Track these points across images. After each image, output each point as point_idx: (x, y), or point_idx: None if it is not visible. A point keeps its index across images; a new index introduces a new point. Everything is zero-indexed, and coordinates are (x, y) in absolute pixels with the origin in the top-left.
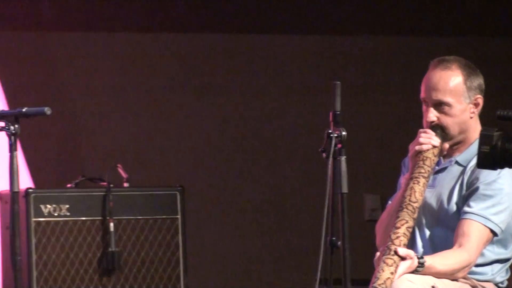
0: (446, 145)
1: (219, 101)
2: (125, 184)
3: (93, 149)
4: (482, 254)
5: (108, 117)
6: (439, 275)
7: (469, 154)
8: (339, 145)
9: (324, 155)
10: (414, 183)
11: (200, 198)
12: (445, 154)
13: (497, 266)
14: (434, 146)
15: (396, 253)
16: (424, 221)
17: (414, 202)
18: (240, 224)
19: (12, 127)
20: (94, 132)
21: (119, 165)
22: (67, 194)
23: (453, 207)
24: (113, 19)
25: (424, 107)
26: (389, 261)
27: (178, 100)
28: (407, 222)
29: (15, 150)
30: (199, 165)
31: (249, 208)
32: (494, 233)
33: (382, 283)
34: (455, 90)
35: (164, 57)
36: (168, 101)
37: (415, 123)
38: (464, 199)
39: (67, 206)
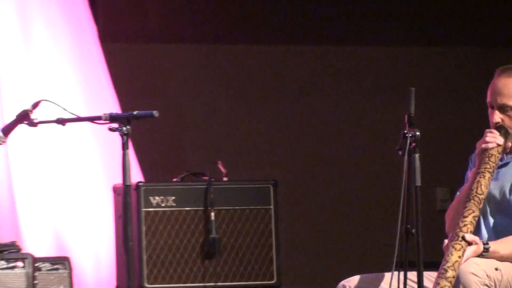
0: (509, 144)
1: (308, 103)
2: (224, 179)
3: (196, 148)
4: None
5: (209, 119)
6: (502, 259)
7: None
8: (413, 144)
9: (400, 152)
10: (480, 177)
11: (290, 191)
12: (507, 151)
13: None
14: (499, 145)
15: (463, 239)
16: (488, 210)
17: (480, 194)
18: (326, 214)
19: (124, 128)
20: (197, 132)
21: (219, 162)
22: (173, 187)
23: None
24: (211, 32)
25: (489, 110)
26: (457, 246)
27: (270, 103)
28: (473, 211)
29: (127, 148)
30: (290, 162)
31: (334, 199)
32: None
33: (451, 266)
34: None
35: (258, 66)
36: (261, 104)
37: (481, 124)
38: None
39: (173, 197)
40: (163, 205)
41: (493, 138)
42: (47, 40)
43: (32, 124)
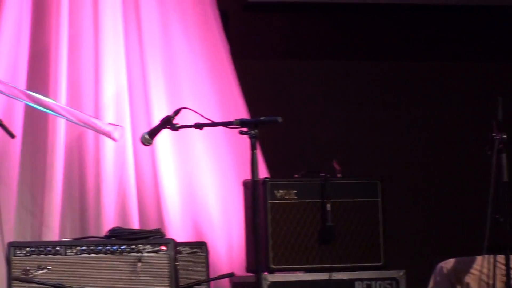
0: None
1: (408, 112)
2: (338, 175)
3: (315, 148)
4: None
5: (326, 124)
6: None
7: None
8: (501, 145)
9: (489, 153)
10: None
11: (394, 185)
12: None
13: None
14: None
15: None
16: None
17: None
18: (426, 205)
19: (252, 132)
20: (315, 135)
21: (334, 161)
22: (295, 182)
23: None
24: (328, 49)
25: None
26: None
27: (376, 111)
28: None
29: (255, 149)
30: (394, 160)
31: (433, 192)
32: None
33: None
34: None
35: (367, 78)
36: (369, 111)
37: None
38: None
39: (295, 191)
40: (286, 197)
41: None
42: (187, 55)
43: (174, 128)
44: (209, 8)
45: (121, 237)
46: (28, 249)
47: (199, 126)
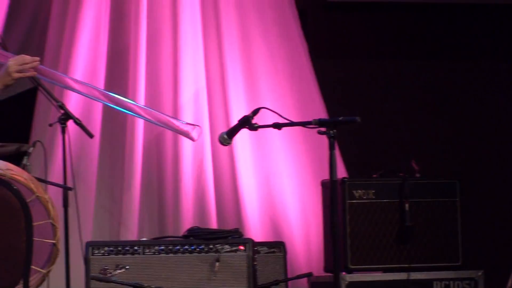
0: None
1: (490, 109)
2: (417, 175)
3: (393, 148)
4: None
5: (404, 124)
6: None
7: None
8: None
9: None
10: None
11: (471, 185)
12: None
13: None
14: None
15: None
16: None
17: None
18: (505, 207)
19: (331, 132)
20: (394, 135)
21: (412, 160)
22: (373, 182)
23: None
24: (401, 49)
25: None
26: None
27: (454, 108)
28: None
29: (333, 149)
30: (471, 160)
31: (509, 192)
32: None
33: None
34: None
35: (443, 78)
36: (447, 112)
37: None
38: None
39: (373, 191)
40: (364, 197)
41: None
42: (266, 55)
43: (253, 128)
44: (287, 8)
45: (200, 236)
46: (106, 248)
47: (277, 126)
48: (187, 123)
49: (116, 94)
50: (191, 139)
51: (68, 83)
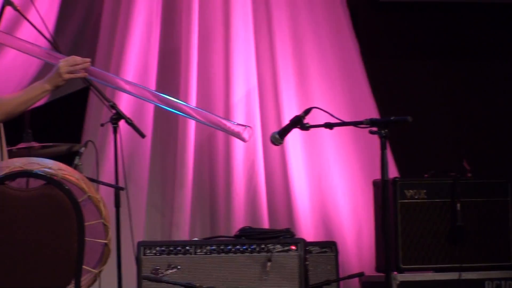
0: None
1: None
2: (469, 175)
3: (444, 148)
4: None
5: (455, 124)
6: None
7: None
8: None
9: None
10: None
11: None
12: None
13: None
14: None
15: None
16: None
17: None
18: None
19: (382, 131)
20: (445, 135)
21: (464, 160)
22: (425, 182)
23: None
24: (452, 50)
25: None
26: None
27: (505, 108)
28: None
29: (385, 148)
30: None
31: None
32: None
33: None
34: None
35: (490, 78)
36: (498, 109)
37: None
38: None
39: (425, 191)
40: (416, 197)
41: None
42: (317, 55)
43: (304, 128)
44: (339, 7)
45: (251, 236)
46: (158, 248)
47: (329, 125)
48: (238, 124)
49: (167, 95)
50: (243, 140)
51: (119, 84)
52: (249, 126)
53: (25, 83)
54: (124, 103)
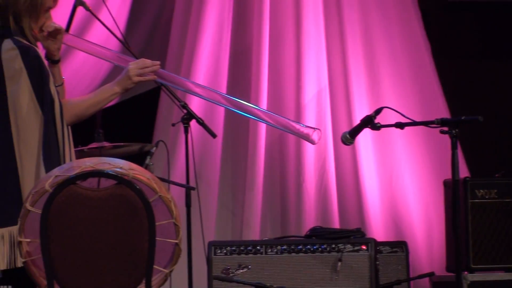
0: None
1: None
2: None
3: None
4: None
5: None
6: None
7: None
8: None
9: None
10: None
11: None
12: None
13: None
14: None
15: None
16: None
17: None
18: None
19: (453, 131)
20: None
21: None
22: (496, 181)
23: None
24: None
25: None
26: None
27: None
28: None
29: (456, 148)
30: None
31: None
32: None
33: None
34: None
35: None
36: None
37: None
38: None
39: (495, 190)
40: (486, 197)
41: None
42: (388, 54)
43: (375, 127)
44: (410, 7)
45: (322, 236)
46: (228, 248)
47: (400, 125)
48: (307, 126)
49: (236, 98)
50: (311, 142)
51: (188, 87)
52: (318, 129)
53: (94, 86)
54: (195, 103)
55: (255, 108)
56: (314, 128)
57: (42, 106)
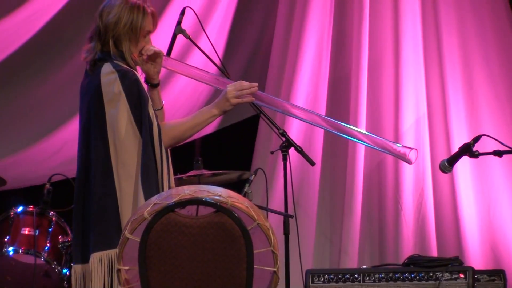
0: None
1: None
2: None
3: None
4: None
5: None
6: None
7: None
8: None
9: None
10: None
11: None
12: None
13: None
14: None
15: None
16: None
17: None
18: None
19: None
20: None
21: None
22: None
23: None
24: None
25: None
26: None
27: None
28: None
29: None
30: None
31: None
32: None
33: None
34: None
35: None
36: None
37: None
38: None
39: None
40: None
41: None
42: (487, 81)
43: (474, 155)
44: (509, 34)
45: (419, 264)
46: (326, 276)
47: (498, 153)
48: (404, 146)
49: (334, 119)
50: (408, 162)
51: (286, 108)
52: (415, 148)
53: (195, 111)
54: (294, 130)
55: (351, 128)
56: (410, 148)
57: (140, 129)
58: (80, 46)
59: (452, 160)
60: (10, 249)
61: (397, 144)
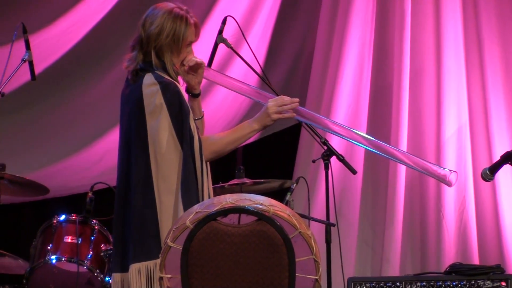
0: None
1: None
2: None
3: None
4: None
5: None
6: None
7: None
8: None
9: None
10: None
11: None
12: None
13: None
14: None
15: None
16: None
17: None
18: None
19: None
20: None
21: None
22: None
23: None
24: None
25: None
26: None
27: None
28: None
29: None
30: None
31: None
32: None
33: None
34: None
35: None
36: None
37: None
38: None
39: None
40: None
41: None
42: None
43: None
44: None
45: (461, 272)
46: (368, 284)
47: None
48: (444, 168)
49: (375, 138)
50: (448, 184)
51: (327, 125)
52: (455, 171)
53: (235, 123)
54: (336, 139)
55: (392, 148)
56: (451, 170)
57: (181, 142)
58: (120, 57)
59: (494, 168)
60: (53, 257)
61: (438, 166)
